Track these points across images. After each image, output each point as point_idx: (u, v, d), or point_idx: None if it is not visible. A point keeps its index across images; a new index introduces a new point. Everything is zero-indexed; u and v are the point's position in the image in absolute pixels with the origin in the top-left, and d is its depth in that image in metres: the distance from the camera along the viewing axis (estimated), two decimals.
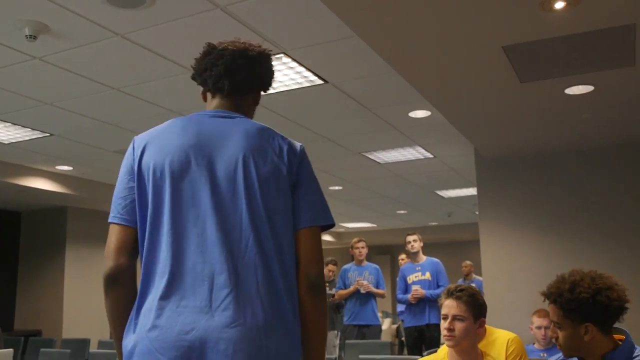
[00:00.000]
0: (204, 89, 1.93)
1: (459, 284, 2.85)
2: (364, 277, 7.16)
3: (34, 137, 6.70)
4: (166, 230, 1.66)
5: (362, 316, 7.09)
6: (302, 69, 4.86)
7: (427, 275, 6.82)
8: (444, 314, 2.70)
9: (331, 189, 10.60)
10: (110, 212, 1.74)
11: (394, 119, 6.36)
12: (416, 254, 6.96)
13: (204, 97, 1.94)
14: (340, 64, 4.80)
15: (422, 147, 7.73)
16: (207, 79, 1.87)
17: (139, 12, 3.85)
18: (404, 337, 7.63)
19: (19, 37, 4.11)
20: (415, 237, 6.95)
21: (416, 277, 6.86)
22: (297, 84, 5.18)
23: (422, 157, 8.28)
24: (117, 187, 1.75)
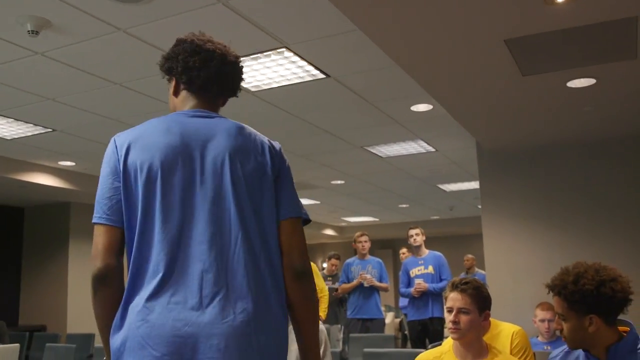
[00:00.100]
0: (180, 85, 1.92)
1: (463, 277, 2.85)
2: (367, 271, 7.18)
3: (37, 132, 6.71)
4: (157, 229, 1.67)
5: (365, 310, 7.11)
6: (303, 63, 4.86)
7: (430, 269, 6.82)
8: (449, 307, 2.70)
9: (333, 182, 10.61)
10: (94, 212, 1.72)
11: (396, 112, 6.36)
12: (419, 247, 6.97)
13: (176, 92, 1.93)
14: (342, 58, 4.80)
15: (424, 141, 7.73)
16: (193, 78, 1.88)
17: (140, 6, 3.85)
18: (407, 330, 7.64)
19: (21, 32, 4.11)
20: (417, 230, 6.95)
21: (419, 270, 6.87)
22: (299, 78, 5.18)
23: (424, 151, 8.28)
24: (102, 187, 1.74)
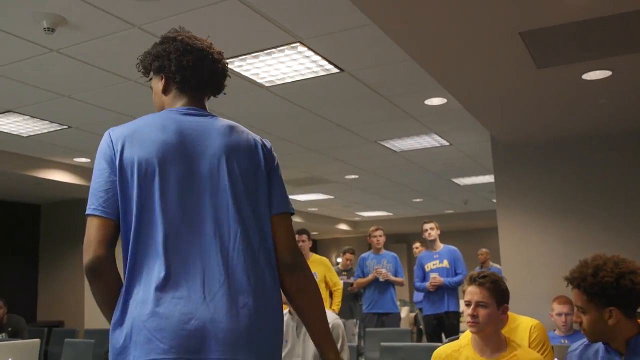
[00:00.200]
0: (171, 83, 1.93)
1: (482, 270, 2.85)
2: (383, 265, 7.17)
3: (52, 129, 6.75)
4: (156, 225, 1.69)
5: (381, 304, 7.11)
6: (317, 58, 4.85)
7: (445, 263, 6.81)
8: (467, 301, 2.70)
9: (347, 177, 10.60)
10: (89, 204, 1.73)
11: (410, 106, 6.34)
12: (433, 241, 6.95)
13: (166, 90, 1.94)
14: (355, 52, 4.79)
15: (438, 135, 7.71)
16: (187, 77, 1.89)
17: (155, 3, 3.86)
18: (423, 325, 7.64)
19: (37, 30, 4.14)
20: (432, 225, 6.94)
21: (434, 265, 6.86)
22: (313, 72, 5.18)
23: (438, 145, 8.25)
24: (97, 180, 1.75)
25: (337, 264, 9.47)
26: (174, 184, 1.72)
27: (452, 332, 6.57)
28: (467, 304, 2.69)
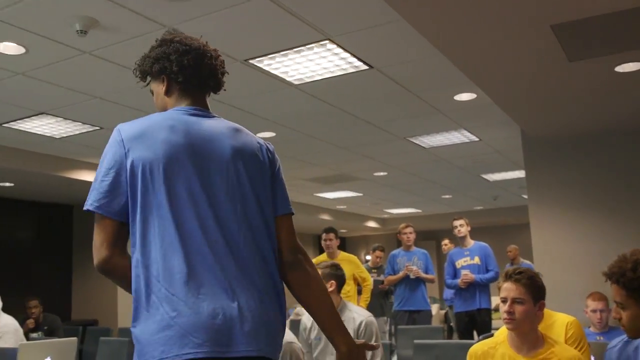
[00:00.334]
0: (174, 84, 1.94)
1: (518, 266, 2.82)
2: (413, 262, 7.15)
3: (84, 131, 6.83)
4: (170, 224, 1.70)
5: (412, 302, 7.10)
6: (346, 55, 4.85)
7: (476, 259, 6.76)
8: (503, 297, 2.67)
9: (376, 174, 10.58)
10: (94, 200, 1.74)
11: (439, 102, 6.31)
12: (464, 238, 6.91)
13: (168, 92, 1.95)
14: (385, 49, 4.78)
15: (468, 130, 7.65)
16: (189, 77, 1.92)
17: (185, 3, 3.89)
18: (454, 322, 7.60)
19: (70, 32, 4.19)
20: (462, 221, 6.90)
21: (465, 261, 6.81)
22: (342, 70, 5.18)
23: (468, 141, 8.19)
24: (104, 177, 1.77)
25: (367, 261, 9.46)
26: (183, 185, 1.74)
27: (484, 329, 6.52)
28: (504, 301, 2.67)
